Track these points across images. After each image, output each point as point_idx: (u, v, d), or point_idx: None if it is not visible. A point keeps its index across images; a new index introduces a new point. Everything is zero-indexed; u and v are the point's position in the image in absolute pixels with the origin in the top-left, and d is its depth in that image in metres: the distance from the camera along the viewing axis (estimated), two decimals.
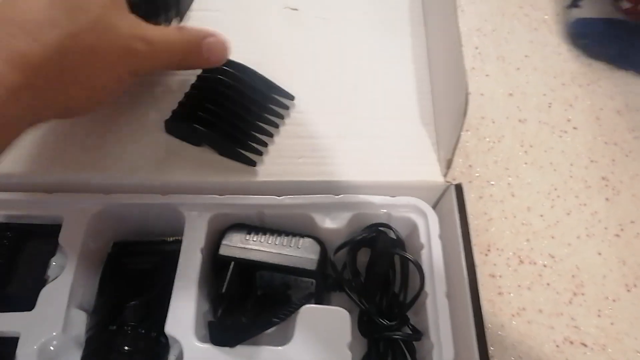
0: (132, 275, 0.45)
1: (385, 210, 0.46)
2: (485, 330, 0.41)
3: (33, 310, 0.41)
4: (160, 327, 0.42)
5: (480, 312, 0.41)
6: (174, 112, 0.47)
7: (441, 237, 0.45)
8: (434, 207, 0.47)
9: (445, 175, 0.46)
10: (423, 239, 0.45)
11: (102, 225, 0.46)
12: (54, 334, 0.40)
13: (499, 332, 0.48)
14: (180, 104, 0.47)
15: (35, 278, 0.44)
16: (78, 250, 0.44)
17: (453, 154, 0.44)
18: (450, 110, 0.45)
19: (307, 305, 0.42)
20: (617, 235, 0.52)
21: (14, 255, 0.45)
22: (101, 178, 0.46)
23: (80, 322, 0.43)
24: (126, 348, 0.41)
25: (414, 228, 0.46)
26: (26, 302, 0.41)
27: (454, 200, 0.45)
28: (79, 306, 0.43)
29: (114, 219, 0.46)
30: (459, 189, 0.46)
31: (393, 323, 0.43)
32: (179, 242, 0.45)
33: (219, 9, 0.55)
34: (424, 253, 0.44)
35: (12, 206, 0.46)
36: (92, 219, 0.45)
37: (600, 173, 0.55)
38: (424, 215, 0.46)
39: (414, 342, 0.43)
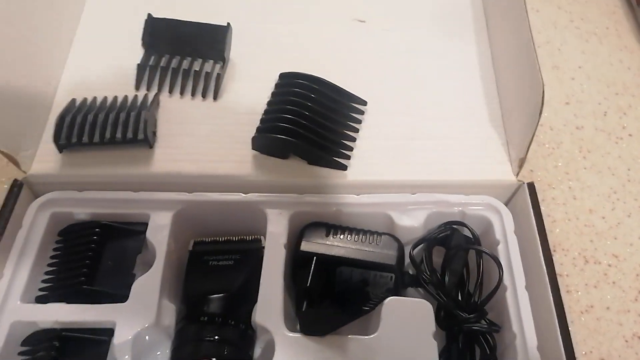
0: (215, 271, 0.47)
1: (459, 209, 0.48)
2: None
3: (127, 302, 0.43)
4: (246, 319, 0.43)
5: (562, 302, 0.42)
6: (258, 128, 0.49)
7: (516, 233, 0.46)
8: (507, 205, 0.48)
9: (517, 174, 0.48)
10: (499, 235, 0.46)
11: (185, 222, 0.48)
12: (147, 325, 0.42)
13: (569, 329, 0.49)
14: (262, 120, 0.49)
15: (124, 273, 0.46)
16: (165, 247, 0.45)
17: (526, 152, 0.46)
18: (522, 109, 0.47)
19: (392, 297, 0.43)
20: None
21: (104, 252, 0.46)
22: (186, 177, 0.48)
23: (170, 314, 0.44)
24: (216, 337, 0.42)
25: (488, 225, 0.47)
26: (118, 296, 0.43)
27: (528, 198, 0.47)
28: (169, 299, 0.45)
29: (196, 216, 0.48)
30: (531, 187, 0.47)
31: (472, 315, 0.44)
32: (257, 241, 0.47)
33: (291, 21, 0.58)
34: (501, 248, 0.46)
35: (100, 204, 0.48)
36: (176, 216, 0.47)
37: None
38: (498, 212, 0.47)
39: (492, 336, 0.44)
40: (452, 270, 0.47)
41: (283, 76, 0.52)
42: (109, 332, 0.42)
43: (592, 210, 0.55)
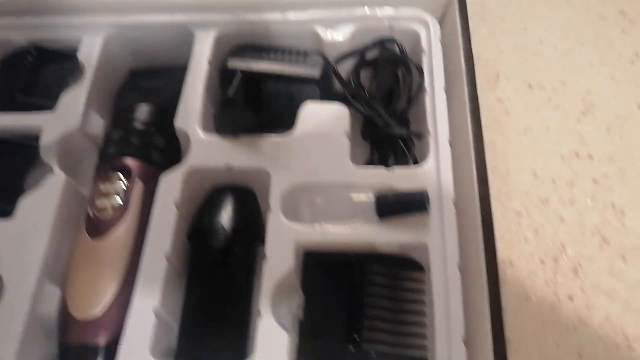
0: (147, 91, 0.48)
1: (388, 23, 0.47)
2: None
3: (53, 111, 0.44)
4: (172, 131, 0.44)
5: (477, 101, 0.42)
6: None
7: (442, 43, 0.45)
8: (439, 22, 0.47)
9: None
10: (424, 44, 0.45)
11: (117, 47, 0.49)
12: (72, 129, 0.43)
13: (504, 150, 0.48)
14: None
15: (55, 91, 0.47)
16: (94, 66, 0.46)
17: None
18: None
19: (308, 103, 0.43)
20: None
21: (37, 74, 0.48)
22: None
23: (98, 125, 0.46)
24: (142, 141, 0.43)
25: (416, 38, 0.46)
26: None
27: (457, 12, 0.45)
28: (98, 112, 0.46)
29: (128, 39, 0.49)
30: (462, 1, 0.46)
31: (392, 122, 0.44)
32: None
33: None
34: (425, 58, 0.45)
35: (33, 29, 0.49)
36: (107, 39, 0.48)
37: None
38: (426, 25, 0.46)
39: (411, 140, 0.44)
40: (379, 84, 0.47)
41: None
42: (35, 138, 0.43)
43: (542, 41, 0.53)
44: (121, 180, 0.41)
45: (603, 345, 0.41)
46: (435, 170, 0.39)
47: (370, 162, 0.44)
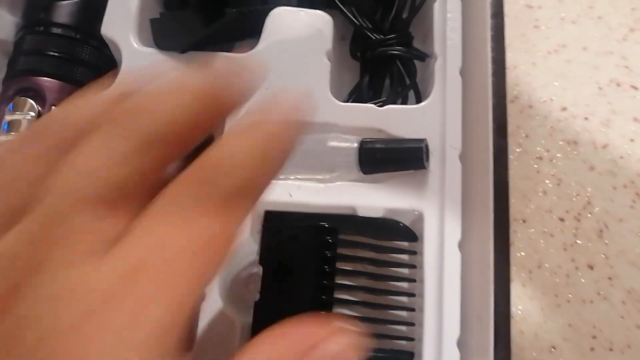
0: None
1: None
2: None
3: None
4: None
5: (503, 23, 0.31)
6: None
7: None
8: None
9: None
10: None
11: None
12: None
13: (528, 76, 0.38)
14: None
15: None
16: None
17: None
18: None
19: (279, 8, 0.33)
20: None
21: None
22: None
23: (5, 26, 0.35)
24: (56, 53, 0.33)
25: None
26: None
27: None
28: (6, 9, 0.35)
29: None
30: None
31: (390, 36, 0.33)
32: None
33: None
34: None
35: None
36: None
37: None
38: None
39: (412, 62, 0.34)
40: None
41: None
42: None
43: None
44: (32, 107, 0.31)
45: (623, 325, 0.35)
46: (440, 112, 0.30)
47: (357, 89, 0.34)
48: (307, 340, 0.15)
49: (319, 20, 0.32)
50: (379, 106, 0.31)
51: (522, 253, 0.36)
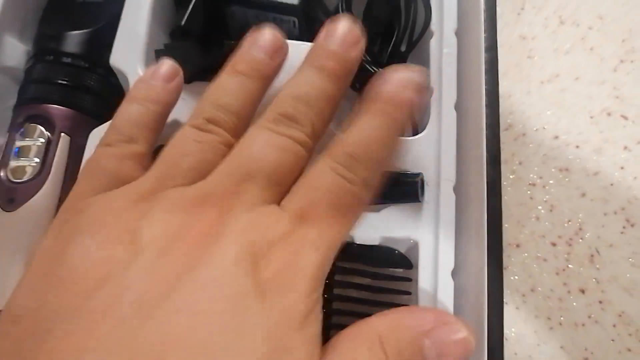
0: (79, 8, 0.38)
1: None
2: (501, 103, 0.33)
3: None
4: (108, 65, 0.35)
5: (496, 55, 0.32)
6: None
7: None
8: None
9: None
10: None
11: None
12: None
13: (522, 104, 0.40)
14: None
15: None
16: None
17: None
18: None
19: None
20: None
21: None
22: None
23: (16, 54, 0.36)
24: (65, 82, 0.34)
25: None
26: None
27: None
28: (17, 37, 0.37)
29: None
30: None
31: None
32: None
33: None
34: None
35: None
36: None
37: None
38: None
39: None
40: (374, 18, 0.37)
41: None
42: None
43: None
44: (42, 134, 0.33)
45: (613, 348, 0.36)
46: (436, 145, 0.31)
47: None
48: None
49: None
50: None
51: (516, 277, 0.37)
